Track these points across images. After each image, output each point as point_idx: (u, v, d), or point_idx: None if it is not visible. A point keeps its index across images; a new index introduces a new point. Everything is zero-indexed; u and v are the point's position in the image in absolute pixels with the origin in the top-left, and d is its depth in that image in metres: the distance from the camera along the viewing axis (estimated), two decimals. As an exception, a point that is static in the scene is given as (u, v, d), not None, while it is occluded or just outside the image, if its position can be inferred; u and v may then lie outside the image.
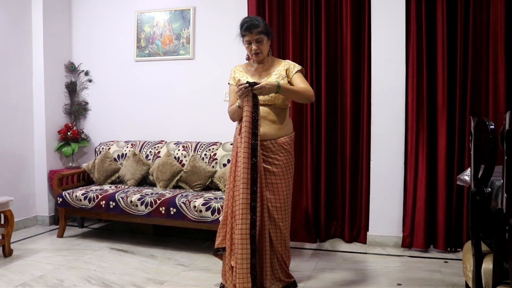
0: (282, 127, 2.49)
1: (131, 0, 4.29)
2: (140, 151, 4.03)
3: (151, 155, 3.98)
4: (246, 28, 2.44)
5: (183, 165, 3.79)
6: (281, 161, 2.46)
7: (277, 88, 2.31)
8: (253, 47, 2.46)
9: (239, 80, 2.57)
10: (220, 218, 3.04)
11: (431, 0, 3.25)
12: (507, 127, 1.50)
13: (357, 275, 2.85)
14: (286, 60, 2.60)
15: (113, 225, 4.21)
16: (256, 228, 2.31)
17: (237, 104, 2.44)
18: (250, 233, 2.28)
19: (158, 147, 4.01)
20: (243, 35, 2.48)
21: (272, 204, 2.44)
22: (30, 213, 4.17)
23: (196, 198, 3.28)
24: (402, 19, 3.32)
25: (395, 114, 3.36)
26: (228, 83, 2.66)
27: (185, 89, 4.14)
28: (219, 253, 2.53)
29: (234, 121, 2.57)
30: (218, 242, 2.54)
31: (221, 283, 2.55)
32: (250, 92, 2.29)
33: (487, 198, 1.68)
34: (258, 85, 2.28)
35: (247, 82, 2.30)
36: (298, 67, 2.53)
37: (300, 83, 2.47)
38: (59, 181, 3.80)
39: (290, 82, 2.51)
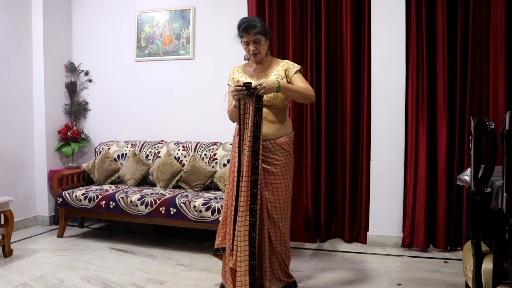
0: (281, 127, 2.49)
1: (131, 0, 4.29)
2: (140, 151, 4.03)
3: (151, 155, 3.98)
4: (243, 29, 2.44)
5: (183, 165, 3.79)
6: (280, 161, 2.46)
7: (277, 88, 2.32)
8: (251, 48, 2.46)
9: (238, 81, 2.57)
10: (220, 218, 3.04)
11: (431, 0, 3.26)
12: (507, 127, 1.50)
13: (357, 275, 2.85)
14: (284, 60, 2.59)
15: (113, 225, 4.21)
16: (255, 230, 2.32)
17: (233, 103, 2.44)
18: (249, 235, 2.29)
19: (158, 147, 4.01)
20: (240, 36, 2.48)
21: (272, 204, 2.44)
22: (30, 213, 4.17)
23: (196, 198, 3.28)
24: (402, 18, 3.32)
25: (395, 114, 3.36)
26: (228, 84, 2.65)
27: (185, 89, 4.14)
28: (218, 253, 2.54)
29: (233, 121, 2.57)
30: (217, 242, 2.54)
31: (221, 283, 2.55)
32: (244, 94, 2.29)
33: (487, 198, 1.68)
34: (260, 86, 2.27)
35: (243, 84, 2.29)
36: (297, 67, 2.53)
37: (300, 83, 2.47)
38: (59, 181, 3.79)
39: (289, 83, 2.50)
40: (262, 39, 2.46)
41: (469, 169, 2.07)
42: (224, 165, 3.67)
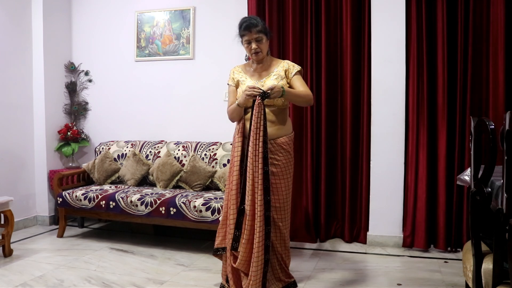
0: (281, 127, 2.49)
1: (131, 0, 4.29)
2: (140, 151, 4.03)
3: (151, 155, 3.98)
4: (245, 27, 2.44)
5: (183, 165, 3.79)
6: (280, 161, 2.46)
7: (283, 92, 2.33)
8: (253, 46, 2.46)
9: (238, 81, 2.57)
10: (219, 218, 3.04)
11: (431, 0, 3.26)
12: (507, 127, 1.50)
13: (357, 275, 2.85)
14: (285, 60, 2.59)
15: (113, 225, 4.21)
16: (270, 238, 2.34)
17: (237, 102, 2.44)
18: (265, 244, 2.31)
19: (158, 147, 4.01)
20: (242, 35, 2.48)
21: (272, 204, 2.44)
22: (30, 213, 4.17)
23: (196, 198, 3.28)
24: (402, 18, 3.32)
25: (395, 114, 3.36)
26: (228, 84, 2.65)
27: (185, 89, 4.14)
28: (218, 253, 2.54)
29: (233, 121, 2.56)
30: (217, 242, 2.54)
31: (221, 283, 2.55)
32: (257, 96, 2.30)
33: (487, 198, 1.68)
34: (274, 89, 2.27)
35: (261, 93, 2.29)
36: (297, 67, 2.53)
37: (300, 86, 2.48)
38: (59, 181, 3.79)
39: (289, 84, 2.51)
40: (263, 38, 2.46)
41: (469, 169, 2.07)
42: (224, 165, 3.67)
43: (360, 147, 3.53)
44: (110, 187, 3.83)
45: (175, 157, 3.85)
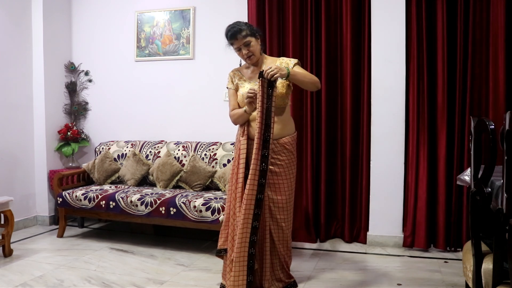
0: (283, 127, 2.49)
1: (131, 0, 4.29)
2: (140, 151, 4.03)
3: (151, 155, 3.98)
4: (231, 36, 2.45)
5: (183, 165, 3.79)
6: (283, 161, 2.46)
7: (287, 73, 2.30)
8: (244, 52, 2.47)
9: (237, 84, 2.57)
10: (220, 219, 3.05)
11: (431, 0, 3.26)
12: (507, 127, 1.50)
13: (357, 275, 2.85)
14: (280, 58, 2.59)
15: (113, 225, 4.21)
16: (257, 233, 2.34)
17: (244, 109, 2.44)
18: (250, 238, 2.30)
19: (158, 147, 4.01)
20: (231, 44, 2.50)
21: (275, 205, 2.44)
22: (30, 213, 4.17)
23: (196, 198, 3.28)
24: (402, 19, 3.32)
25: (395, 114, 3.36)
26: (227, 88, 2.65)
27: (185, 89, 4.14)
28: (221, 254, 2.54)
29: (237, 124, 2.56)
30: (220, 243, 2.54)
31: (221, 283, 2.55)
32: (260, 92, 2.30)
33: (487, 198, 1.68)
34: (272, 69, 2.25)
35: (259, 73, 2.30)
36: (294, 60, 2.53)
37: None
38: (59, 181, 3.79)
39: None
40: (252, 40, 2.46)
41: (469, 169, 2.07)
42: (224, 165, 3.67)
43: (360, 147, 3.53)
44: (110, 187, 3.83)
45: (175, 157, 3.85)
